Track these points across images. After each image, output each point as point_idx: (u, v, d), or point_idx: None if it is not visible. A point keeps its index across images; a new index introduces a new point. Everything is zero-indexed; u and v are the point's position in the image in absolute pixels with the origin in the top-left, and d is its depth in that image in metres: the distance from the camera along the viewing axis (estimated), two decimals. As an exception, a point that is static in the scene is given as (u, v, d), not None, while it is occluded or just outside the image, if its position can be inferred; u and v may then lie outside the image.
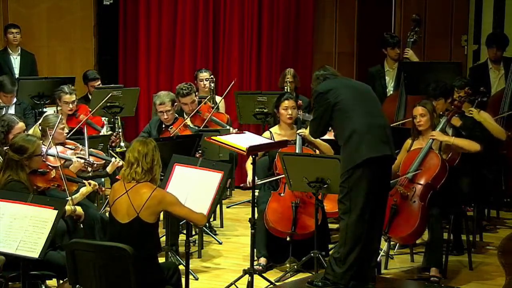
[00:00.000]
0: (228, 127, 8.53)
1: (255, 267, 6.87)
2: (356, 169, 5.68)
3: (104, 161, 7.15)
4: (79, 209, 6.04)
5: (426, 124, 6.88)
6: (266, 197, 7.15)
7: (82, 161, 6.90)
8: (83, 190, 6.30)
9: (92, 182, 6.35)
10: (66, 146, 7.04)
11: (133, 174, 5.19)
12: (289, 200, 6.97)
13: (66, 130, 7.21)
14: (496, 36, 9.33)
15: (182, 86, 8.46)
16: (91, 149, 7.16)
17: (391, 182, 6.75)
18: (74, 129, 7.60)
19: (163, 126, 8.05)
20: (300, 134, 7.17)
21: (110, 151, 7.77)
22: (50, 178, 6.10)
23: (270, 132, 7.52)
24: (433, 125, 6.88)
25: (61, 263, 5.39)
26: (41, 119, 7.20)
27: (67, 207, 5.80)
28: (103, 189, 6.44)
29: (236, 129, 8.56)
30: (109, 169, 7.18)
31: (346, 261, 5.75)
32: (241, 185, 9.28)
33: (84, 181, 6.45)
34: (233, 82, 9.02)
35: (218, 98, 9.07)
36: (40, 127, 6.93)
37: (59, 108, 8.30)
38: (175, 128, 7.90)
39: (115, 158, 7.27)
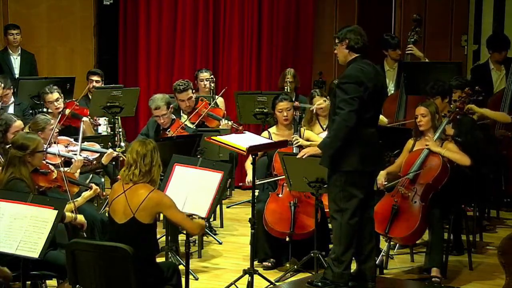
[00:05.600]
0: (224, 120, 8.52)
1: (264, 264, 6.92)
2: (353, 173, 5.70)
3: (99, 154, 7.17)
4: (80, 217, 5.96)
5: (427, 125, 6.87)
6: (264, 196, 7.16)
7: (82, 159, 6.93)
8: (85, 194, 6.30)
9: (94, 186, 6.35)
10: (60, 144, 7.07)
11: (130, 175, 5.18)
12: (287, 200, 6.98)
13: (56, 130, 7.21)
14: (503, 40, 9.28)
15: (178, 82, 8.48)
16: (85, 143, 7.17)
17: (392, 182, 6.81)
18: (57, 121, 7.48)
19: (161, 128, 8.02)
20: (296, 142, 7.16)
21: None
22: (52, 178, 6.11)
23: (269, 132, 7.53)
24: (434, 126, 6.87)
25: (61, 263, 5.39)
26: (31, 122, 7.22)
27: (67, 214, 5.78)
28: (104, 193, 6.44)
29: (232, 121, 8.58)
30: (104, 160, 7.20)
31: (343, 260, 5.76)
32: (239, 184, 9.31)
33: (86, 184, 6.46)
34: (224, 90, 9.01)
35: (218, 99, 9.06)
36: (30, 129, 6.95)
37: (49, 110, 8.29)
38: (173, 131, 7.86)
39: (110, 148, 7.28)
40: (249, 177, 7.33)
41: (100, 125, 8.60)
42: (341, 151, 5.68)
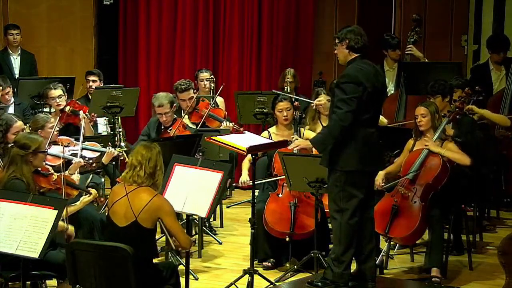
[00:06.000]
0: (225, 121, 8.53)
1: (264, 264, 6.93)
2: (353, 173, 5.70)
3: (99, 153, 7.18)
4: (71, 228, 5.96)
5: (427, 125, 6.87)
6: (264, 196, 7.16)
7: (82, 160, 6.93)
8: (84, 199, 6.29)
9: (93, 191, 6.34)
10: (60, 144, 7.06)
11: (135, 177, 5.16)
12: (287, 200, 6.98)
13: (57, 128, 7.21)
14: (503, 41, 9.29)
15: (180, 81, 8.52)
16: (86, 143, 7.17)
17: (392, 182, 6.81)
18: (57, 120, 7.53)
19: (162, 127, 8.03)
20: (295, 147, 7.16)
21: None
22: (52, 180, 6.11)
23: (268, 132, 7.53)
24: (434, 126, 6.87)
25: (61, 263, 5.39)
26: (31, 121, 7.23)
27: (60, 223, 5.76)
28: (102, 199, 6.43)
29: (233, 123, 8.58)
30: (104, 159, 7.21)
31: (343, 260, 5.76)
32: (233, 184, 9.29)
33: (85, 188, 6.46)
34: (222, 87, 9.01)
35: (218, 98, 9.07)
36: (30, 129, 6.96)
37: (52, 110, 8.29)
38: (174, 129, 7.88)
39: (110, 148, 7.29)
40: (243, 178, 7.37)
41: (97, 122, 8.58)
42: (341, 151, 5.68)
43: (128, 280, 4.84)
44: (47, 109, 8.62)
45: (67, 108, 8.07)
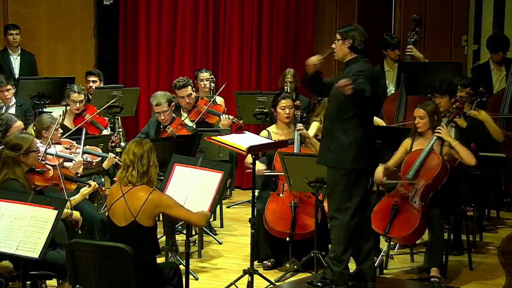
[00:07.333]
0: (224, 115, 8.52)
1: (264, 263, 6.94)
2: (354, 172, 5.72)
3: (100, 158, 7.18)
4: (76, 213, 5.97)
5: (425, 127, 6.86)
6: (264, 196, 7.15)
7: (82, 159, 6.92)
8: (83, 190, 6.29)
9: (92, 183, 6.34)
10: (62, 145, 7.06)
11: (129, 177, 5.16)
12: (287, 200, 6.98)
13: (61, 131, 7.22)
14: (502, 41, 9.29)
15: (178, 79, 8.53)
16: (87, 147, 7.17)
17: (392, 181, 6.81)
18: (77, 127, 7.69)
19: (161, 126, 8.03)
20: (299, 130, 7.17)
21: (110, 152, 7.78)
22: (48, 177, 6.09)
23: (268, 131, 7.52)
24: (432, 128, 6.86)
25: (61, 263, 5.39)
26: (36, 120, 7.23)
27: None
28: (103, 189, 6.42)
29: (233, 116, 8.57)
30: (105, 164, 7.21)
31: (343, 260, 5.78)
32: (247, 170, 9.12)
33: (84, 180, 6.45)
34: (223, 86, 9.01)
35: (218, 98, 9.07)
36: (34, 128, 6.95)
37: (68, 107, 8.31)
38: (172, 127, 7.88)
39: (111, 153, 7.29)
40: (259, 166, 7.21)
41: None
42: (343, 151, 5.71)
43: (128, 280, 4.84)
44: (48, 109, 8.63)
45: (87, 116, 8.06)
